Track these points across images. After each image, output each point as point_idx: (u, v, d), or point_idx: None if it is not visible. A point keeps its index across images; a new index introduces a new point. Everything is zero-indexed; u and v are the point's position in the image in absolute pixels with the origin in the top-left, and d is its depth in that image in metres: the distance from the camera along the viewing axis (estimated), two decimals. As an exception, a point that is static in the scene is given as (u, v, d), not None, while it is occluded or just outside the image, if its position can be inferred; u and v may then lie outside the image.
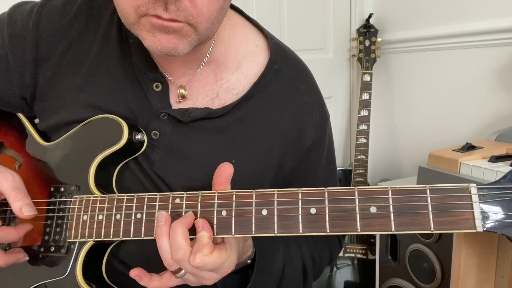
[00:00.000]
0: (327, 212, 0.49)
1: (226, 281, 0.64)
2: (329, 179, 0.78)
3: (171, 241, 0.52)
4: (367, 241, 1.75)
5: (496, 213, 0.44)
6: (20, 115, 0.74)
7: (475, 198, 0.45)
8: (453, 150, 1.18)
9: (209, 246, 0.51)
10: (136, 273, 0.56)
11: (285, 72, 0.70)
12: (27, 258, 0.63)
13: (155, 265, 0.66)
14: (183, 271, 0.54)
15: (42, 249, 0.63)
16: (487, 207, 0.44)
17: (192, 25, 0.53)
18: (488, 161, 1.09)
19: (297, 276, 0.74)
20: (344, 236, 0.83)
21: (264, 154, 0.68)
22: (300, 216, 0.50)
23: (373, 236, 1.68)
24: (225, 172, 0.56)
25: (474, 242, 1.11)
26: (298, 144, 0.70)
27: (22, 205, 0.59)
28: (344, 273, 1.78)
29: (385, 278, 1.43)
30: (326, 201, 0.49)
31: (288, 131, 0.69)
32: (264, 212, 0.51)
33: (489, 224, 0.44)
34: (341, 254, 1.76)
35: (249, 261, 0.65)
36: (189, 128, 0.65)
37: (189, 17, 0.52)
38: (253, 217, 0.52)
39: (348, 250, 1.76)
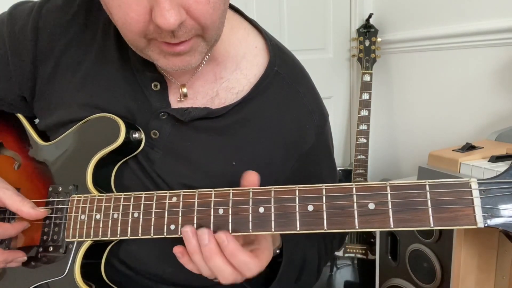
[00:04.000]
0: (324, 209, 0.48)
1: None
2: (331, 178, 0.78)
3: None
4: (367, 241, 1.74)
5: (497, 208, 0.43)
6: (19, 115, 0.74)
7: (475, 193, 0.44)
8: (453, 150, 1.18)
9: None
10: (179, 250, 0.55)
11: (284, 75, 0.69)
12: (26, 258, 0.63)
13: (154, 264, 0.67)
14: None
15: (40, 249, 0.63)
16: (488, 203, 0.43)
17: (201, 35, 0.54)
18: (488, 161, 1.09)
19: (313, 268, 0.74)
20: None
21: (264, 157, 0.67)
22: (297, 214, 0.49)
23: (373, 236, 1.68)
24: (248, 180, 0.56)
25: (474, 242, 1.10)
26: (299, 146, 0.70)
27: (32, 205, 0.62)
28: (344, 273, 1.77)
29: (385, 278, 1.43)
30: (324, 198, 0.49)
31: (289, 134, 0.68)
32: (261, 209, 0.51)
33: (490, 219, 0.43)
34: (341, 254, 1.76)
35: (277, 250, 0.65)
36: (189, 128, 0.65)
37: (197, 32, 0.53)
38: (250, 215, 0.51)
39: (348, 250, 1.76)
